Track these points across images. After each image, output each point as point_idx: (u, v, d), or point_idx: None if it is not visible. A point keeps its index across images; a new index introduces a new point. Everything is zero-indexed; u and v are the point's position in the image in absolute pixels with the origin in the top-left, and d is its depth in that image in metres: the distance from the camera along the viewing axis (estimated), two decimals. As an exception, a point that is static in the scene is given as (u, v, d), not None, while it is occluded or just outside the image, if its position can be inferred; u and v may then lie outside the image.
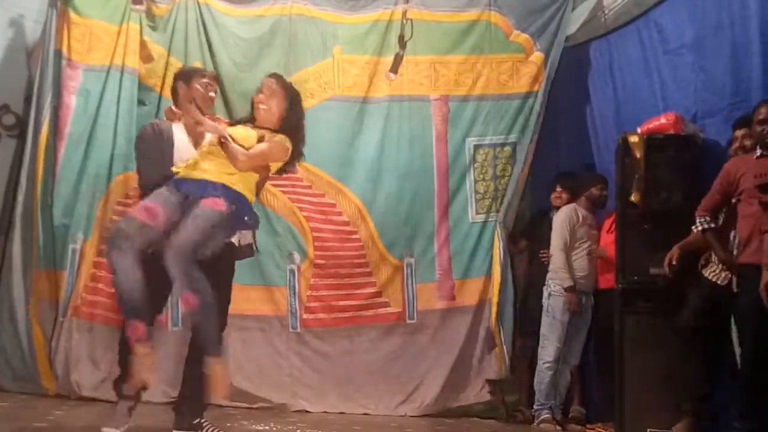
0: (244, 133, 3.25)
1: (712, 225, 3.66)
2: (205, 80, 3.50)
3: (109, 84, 5.10)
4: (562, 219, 4.84)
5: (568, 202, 4.95)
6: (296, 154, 3.39)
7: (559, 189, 5.02)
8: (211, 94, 3.54)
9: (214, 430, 3.43)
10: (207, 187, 3.10)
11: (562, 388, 4.80)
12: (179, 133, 3.42)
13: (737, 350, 3.66)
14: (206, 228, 2.99)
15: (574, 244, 4.80)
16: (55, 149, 4.99)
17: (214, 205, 3.03)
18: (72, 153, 5.03)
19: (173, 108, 3.52)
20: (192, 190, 3.11)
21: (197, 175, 3.15)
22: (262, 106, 3.38)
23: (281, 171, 3.43)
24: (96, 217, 4.98)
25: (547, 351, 4.74)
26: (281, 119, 3.36)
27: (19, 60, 5.13)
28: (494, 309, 5.04)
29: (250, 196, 3.25)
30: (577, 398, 4.89)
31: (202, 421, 3.37)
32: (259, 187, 3.39)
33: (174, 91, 3.54)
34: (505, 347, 5.01)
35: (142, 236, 3.03)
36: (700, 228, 3.70)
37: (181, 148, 3.37)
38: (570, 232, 4.79)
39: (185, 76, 3.55)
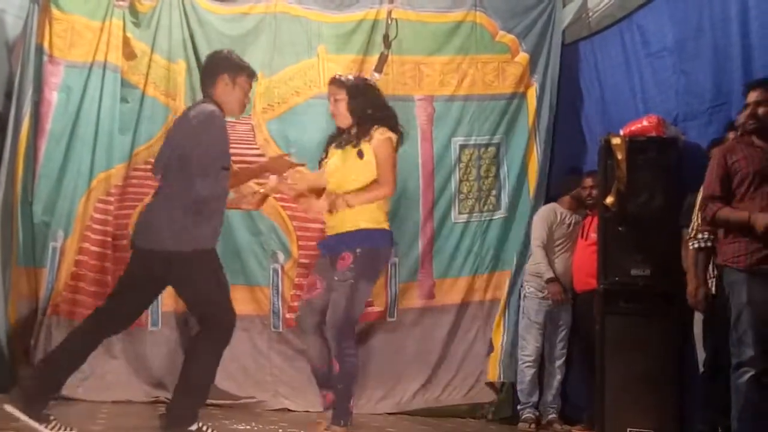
0: (346, 172, 3.38)
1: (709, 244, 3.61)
2: (250, 81, 3.33)
3: (92, 80, 5.06)
4: (539, 217, 4.93)
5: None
6: (401, 136, 3.49)
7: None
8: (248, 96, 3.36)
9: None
10: (335, 243, 3.36)
11: (554, 388, 4.83)
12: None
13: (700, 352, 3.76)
14: (347, 296, 3.26)
15: (553, 242, 4.84)
16: (35, 146, 4.95)
17: (343, 267, 3.29)
18: (53, 150, 4.99)
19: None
20: (327, 251, 3.43)
21: (331, 228, 3.40)
22: (336, 117, 3.49)
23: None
24: (77, 215, 4.95)
25: (526, 351, 4.85)
26: (353, 113, 3.44)
27: (0, 55, 5.07)
28: (501, 310, 5.07)
29: (373, 221, 3.37)
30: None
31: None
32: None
33: (208, 80, 3.27)
34: (505, 349, 5.03)
35: (312, 312, 3.40)
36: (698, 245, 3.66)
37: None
38: (548, 231, 4.84)
39: (233, 68, 3.26)
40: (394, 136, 3.42)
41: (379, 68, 5.28)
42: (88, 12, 5.13)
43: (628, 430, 3.98)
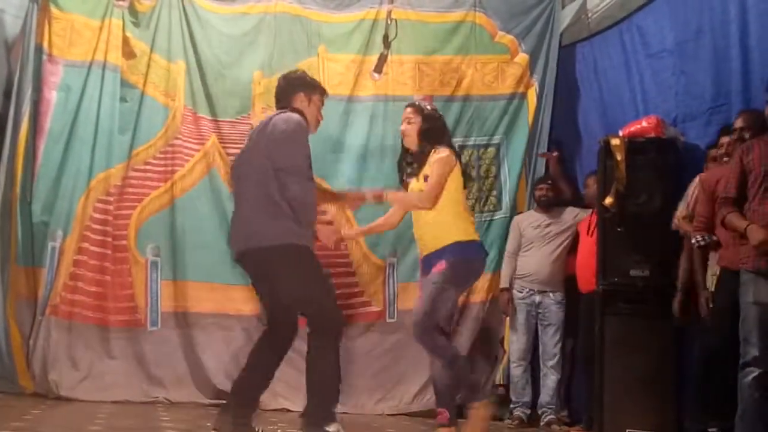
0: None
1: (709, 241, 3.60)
2: (322, 99, 3.43)
3: (91, 80, 5.07)
4: (510, 228, 5.05)
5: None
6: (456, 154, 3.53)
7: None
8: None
9: None
10: (433, 258, 3.44)
11: (550, 389, 4.81)
12: None
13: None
14: (431, 297, 3.33)
15: (525, 246, 4.91)
16: (34, 145, 4.95)
17: (437, 271, 3.37)
18: (52, 149, 4.99)
19: None
20: (426, 268, 3.51)
21: (423, 248, 3.52)
22: (406, 137, 3.56)
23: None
24: (76, 215, 4.94)
25: (513, 349, 4.90)
26: (420, 134, 3.50)
27: (-1, 55, 5.08)
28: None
29: (465, 234, 3.41)
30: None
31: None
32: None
33: (284, 99, 3.36)
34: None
35: None
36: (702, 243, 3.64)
37: None
38: (516, 241, 4.96)
39: (308, 87, 3.38)
40: (451, 152, 3.47)
41: (378, 68, 5.29)
42: (88, 11, 5.13)
43: (627, 431, 3.99)
